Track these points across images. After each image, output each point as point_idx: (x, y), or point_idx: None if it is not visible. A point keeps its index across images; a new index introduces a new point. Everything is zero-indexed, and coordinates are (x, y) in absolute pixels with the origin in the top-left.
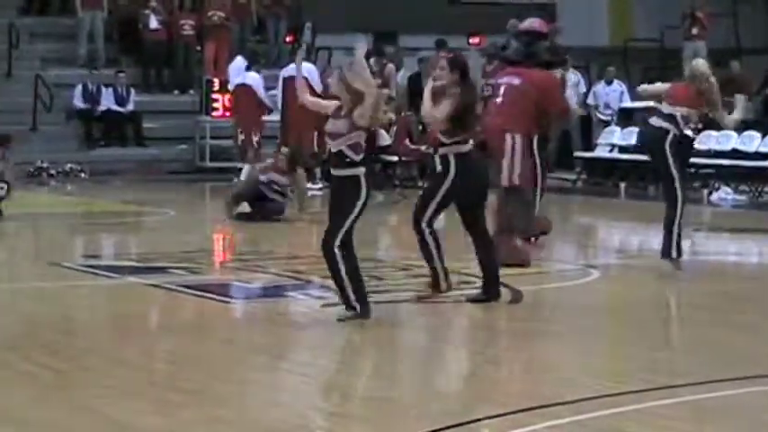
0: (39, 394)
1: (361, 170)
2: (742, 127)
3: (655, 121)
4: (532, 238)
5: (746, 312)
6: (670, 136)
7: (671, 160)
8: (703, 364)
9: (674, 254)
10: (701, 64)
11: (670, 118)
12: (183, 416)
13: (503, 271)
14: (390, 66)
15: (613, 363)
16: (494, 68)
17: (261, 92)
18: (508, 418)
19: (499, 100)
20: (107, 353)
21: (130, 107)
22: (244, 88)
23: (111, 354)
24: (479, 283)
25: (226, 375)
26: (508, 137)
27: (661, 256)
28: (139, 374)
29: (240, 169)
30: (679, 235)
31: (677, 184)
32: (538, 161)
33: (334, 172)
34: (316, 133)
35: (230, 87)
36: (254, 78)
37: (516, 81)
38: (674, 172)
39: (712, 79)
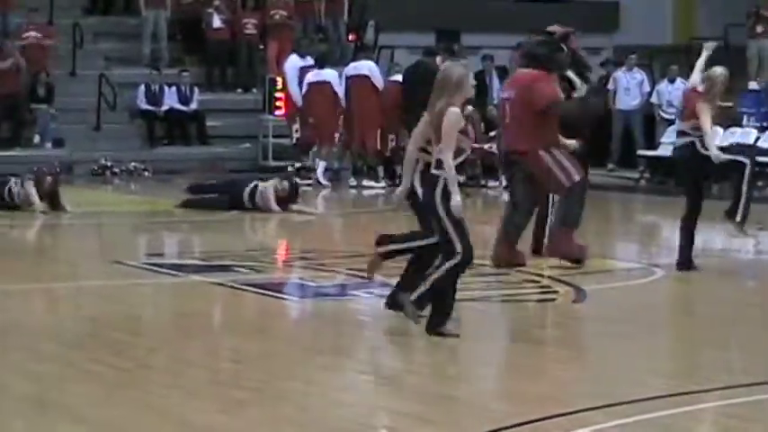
0: (104, 393)
1: None
2: None
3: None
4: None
5: None
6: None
7: None
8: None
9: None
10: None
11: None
12: (247, 414)
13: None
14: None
15: (679, 362)
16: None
17: (340, 91)
18: (574, 416)
19: (507, 120)
20: (171, 352)
21: (194, 106)
22: (319, 86)
23: (175, 352)
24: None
25: (289, 374)
26: (542, 153)
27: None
28: (203, 373)
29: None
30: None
31: None
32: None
33: None
34: (379, 131)
35: (291, 86)
36: (332, 75)
37: (512, 95)
38: None
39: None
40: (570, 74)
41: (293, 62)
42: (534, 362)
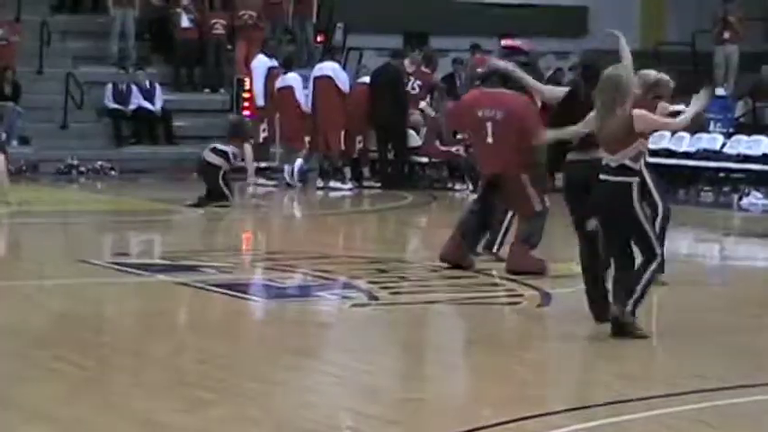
0: (67, 392)
1: None
2: None
3: None
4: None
5: None
6: None
7: None
8: (732, 369)
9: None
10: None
11: None
12: (212, 414)
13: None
14: (423, 68)
15: (644, 366)
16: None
17: (300, 95)
18: (540, 419)
19: (490, 140)
20: (136, 351)
21: (158, 104)
22: (284, 91)
23: (140, 352)
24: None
25: (255, 375)
26: (523, 177)
27: None
28: (168, 372)
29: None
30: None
31: None
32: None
33: None
34: (344, 132)
35: (256, 86)
36: (294, 79)
37: (499, 116)
38: None
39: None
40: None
41: (261, 62)
42: (500, 365)
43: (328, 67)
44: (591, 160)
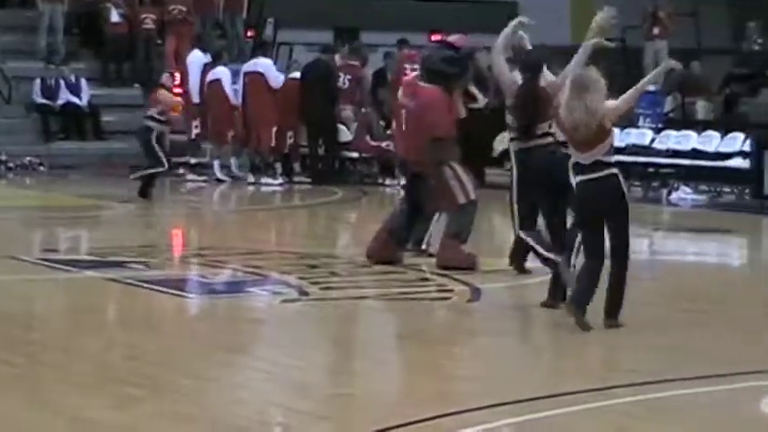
0: None
1: None
2: (701, 127)
3: None
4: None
5: (704, 312)
6: None
7: None
8: (662, 363)
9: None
10: None
11: None
12: (141, 410)
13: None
14: (355, 62)
15: (571, 361)
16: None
17: (228, 89)
18: (467, 415)
19: (404, 128)
20: (65, 347)
21: (85, 99)
22: (212, 84)
23: (69, 348)
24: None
25: (184, 370)
26: (445, 171)
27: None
28: (98, 369)
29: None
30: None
31: None
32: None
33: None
34: (276, 128)
35: (191, 82)
36: (223, 73)
37: (413, 105)
38: None
39: None
40: (472, 88)
41: (196, 57)
42: (428, 360)
43: (261, 64)
44: (532, 147)
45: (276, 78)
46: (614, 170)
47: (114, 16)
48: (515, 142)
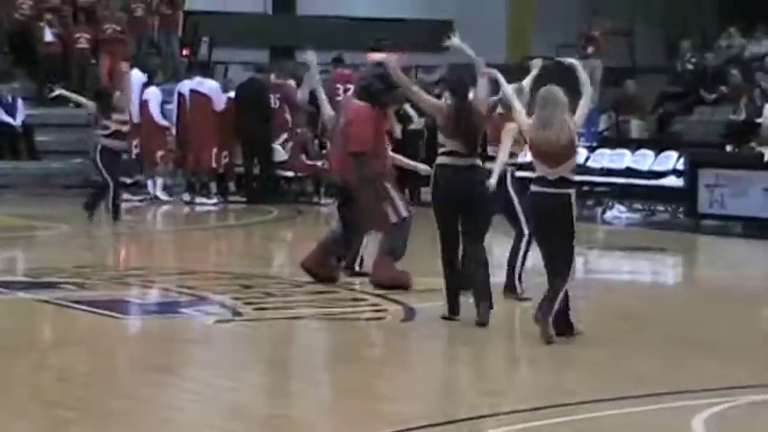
0: None
1: None
2: (635, 146)
3: None
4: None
5: (639, 331)
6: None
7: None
8: (592, 383)
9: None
10: None
11: None
12: None
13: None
14: (291, 82)
15: (511, 382)
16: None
17: (155, 110)
18: None
19: (337, 144)
20: None
21: (20, 119)
22: (143, 105)
23: (0, 370)
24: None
25: (117, 392)
26: (373, 187)
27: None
28: (28, 391)
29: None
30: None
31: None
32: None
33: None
34: (216, 149)
35: (133, 100)
36: (152, 93)
37: (343, 121)
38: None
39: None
40: (407, 108)
41: (136, 77)
42: (362, 380)
43: (206, 85)
44: (458, 166)
45: (220, 101)
46: (572, 190)
47: (48, 35)
48: (445, 157)
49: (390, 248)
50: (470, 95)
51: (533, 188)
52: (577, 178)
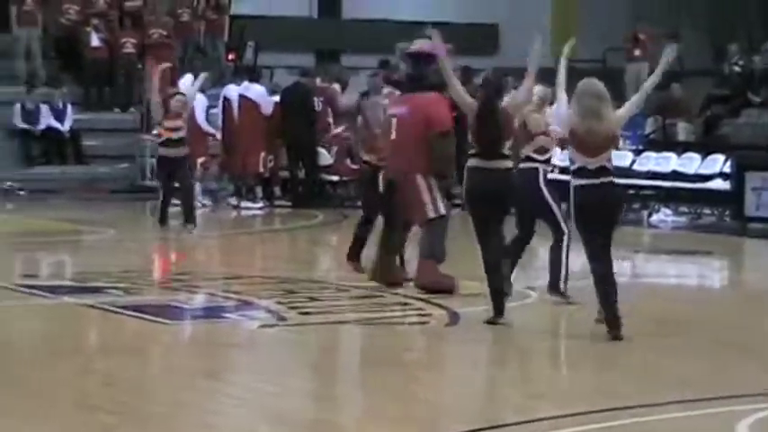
0: None
1: None
2: (682, 149)
3: None
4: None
5: (685, 335)
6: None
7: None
8: (643, 388)
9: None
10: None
11: None
12: None
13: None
14: (335, 86)
15: (555, 385)
16: (387, 94)
17: (200, 116)
18: None
19: (393, 136)
20: (41, 374)
21: (68, 124)
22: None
23: (45, 375)
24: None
25: (160, 397)
26: (418, 178)
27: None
28: (72, 395)
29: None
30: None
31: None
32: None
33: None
34: (263, 153)
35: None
36: (199, 99)
37: (405, 111)
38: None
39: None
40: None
41: (188, 82)
42: (405, 385)
43: (253, 90)
44: (492, 169)
45: (268, 105)
46: (614, 177)
47: (94, 40)
48: (474, 159)
49: (430, 252)
50: (506, 98)
51: (576, 182)
52: (623, 181)
